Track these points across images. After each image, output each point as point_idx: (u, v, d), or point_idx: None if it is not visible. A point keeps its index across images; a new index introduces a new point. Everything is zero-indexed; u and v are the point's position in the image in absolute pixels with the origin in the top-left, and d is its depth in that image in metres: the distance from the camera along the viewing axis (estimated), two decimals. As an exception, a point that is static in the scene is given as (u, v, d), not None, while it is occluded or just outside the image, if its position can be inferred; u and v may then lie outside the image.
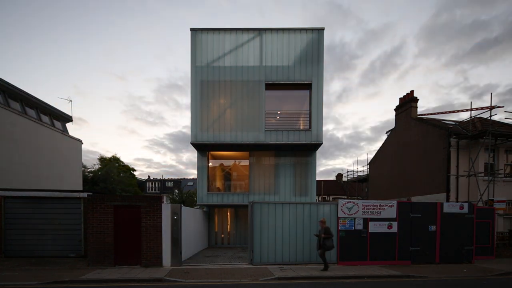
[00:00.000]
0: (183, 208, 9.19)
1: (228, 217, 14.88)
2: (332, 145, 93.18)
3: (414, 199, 15.51)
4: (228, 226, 14.82)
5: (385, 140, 20.00)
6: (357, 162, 70.89)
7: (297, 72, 12.64)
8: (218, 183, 16.74)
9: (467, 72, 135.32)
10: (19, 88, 14.81)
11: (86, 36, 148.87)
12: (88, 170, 26.28)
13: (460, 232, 9.76)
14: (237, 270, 8.25)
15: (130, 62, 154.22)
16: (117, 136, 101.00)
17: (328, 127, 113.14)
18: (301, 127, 14.49)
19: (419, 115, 16.92)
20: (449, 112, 16.00)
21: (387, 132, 20.80)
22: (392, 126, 19.17)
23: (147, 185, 47.86)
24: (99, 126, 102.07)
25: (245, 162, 14.03)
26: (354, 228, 9.33)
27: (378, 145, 65.09)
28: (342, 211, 9.30)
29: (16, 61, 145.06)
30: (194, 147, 13.20)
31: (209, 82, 12.69)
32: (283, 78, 12.65)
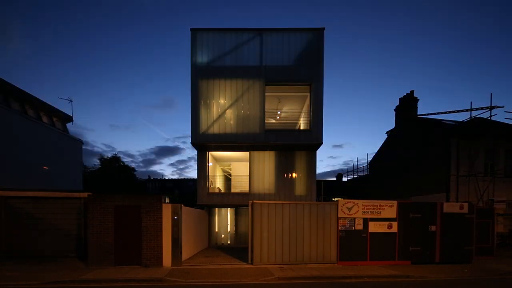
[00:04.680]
0: (183, 208, 9.19)
1: (228, 217, 14.87)
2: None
3: (414, 199, 15.51)
4: (228, 226, 14.81)
5: (385, 140, 20.01)
6: (357, 162, 70.81)
7: (297, 72, 12.62)
8: (218, 183, 16.75)
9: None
10: (19, 88, 14.83)
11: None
12: (89, 170, 26.35)
13: (460, 232, 9.75)
14: (237, 270, 8.25)
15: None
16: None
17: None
18: (301, 127, 14.50)
19: (419, 115, 16.91)
20: (449, 112, 15.84)
21: (387, 132, 20.83)
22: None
23: (147, 185, 47.87)
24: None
25: (245, 162, 14.02)
26: (354, 228, 9.33)
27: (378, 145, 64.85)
28: (342, 211, 9.30)
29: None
30: (194, 147, 13.20)
31: (209, 82, 12.69)
32: (283, 78, 12.63)
